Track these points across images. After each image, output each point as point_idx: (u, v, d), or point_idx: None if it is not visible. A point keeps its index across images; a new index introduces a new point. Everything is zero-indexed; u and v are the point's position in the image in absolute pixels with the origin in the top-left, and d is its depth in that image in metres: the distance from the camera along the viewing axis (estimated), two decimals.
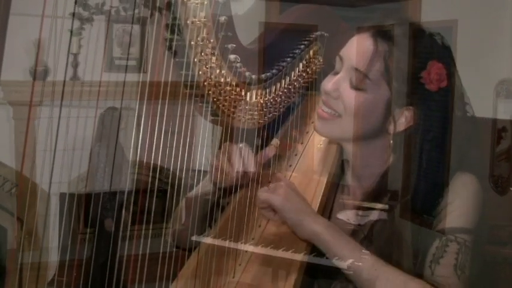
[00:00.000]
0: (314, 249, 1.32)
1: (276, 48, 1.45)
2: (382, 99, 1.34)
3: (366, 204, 1.37)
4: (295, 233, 1.33)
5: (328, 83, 1.37)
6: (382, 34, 1.34)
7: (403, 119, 1.35)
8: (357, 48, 1.35)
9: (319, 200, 1.41)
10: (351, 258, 1.28)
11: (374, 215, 1.36)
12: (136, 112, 1.41)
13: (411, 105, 1.34)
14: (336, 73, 1.38)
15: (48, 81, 3.42)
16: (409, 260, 1.31)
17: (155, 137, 1.36)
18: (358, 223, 1.36)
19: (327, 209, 1.42)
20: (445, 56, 1.36)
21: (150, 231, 1.59)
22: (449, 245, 1.29)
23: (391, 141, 1.37)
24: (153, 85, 1.35)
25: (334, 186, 1.46)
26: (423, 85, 1.32)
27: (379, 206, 1.35)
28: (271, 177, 1.42)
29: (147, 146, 1.35)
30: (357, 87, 1.33)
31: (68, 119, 1.55)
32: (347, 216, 1.39)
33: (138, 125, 1.36)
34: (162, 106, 1.33)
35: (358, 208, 1.39)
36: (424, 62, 1.32)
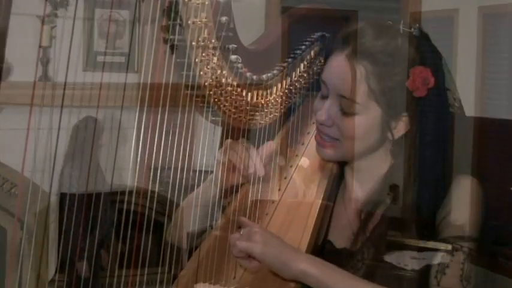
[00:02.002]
0: None
1: (277, 48, 1.45)
2: (375, 116, 1.33)
3: (422, 244, 1.31)
4: (281, 275, 1.29)
5: (321, 114, 1.36)
6: (356, 53, 1.32)
7: (401, 126, 1.35)
8: (337, 74, 1.34)
9: (320, 203, 1.41)
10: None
11: (376, 218, 1.36)
12: (136, 122, 1.32)
13: (406, 111, 1.34)
14: (323, 96, 1.38)
15: (11, 81, 2.71)
16: (412, 267, 1.31)
17: (153, 155, 1.28)
18: (412, 268, 1.31)
19: (327, 212, 1.42)
20: (426, 51, 1.34)
21: (145, 277, 1.35)
22: (455, 255, 1.28)
23: (391, 148, 1.37)
24: (147, 88, 1.29)
25: (334, 190, 1.46)
26: (411, 93, 1.32)
27: (442, 246, 1.30)
28: (240, 223, 1.37)
29: (139, 165, 1.28)
30: (348, 113, 1.33)
31: (36, 132, 1.37)
32: (397, 259, 1.32)
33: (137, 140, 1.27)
34: (156, 114, 1.27)
35: (410, 248, 1.33)
36: (405, 71, 1.31)
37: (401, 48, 1.33)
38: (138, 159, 1.26)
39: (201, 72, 1.32)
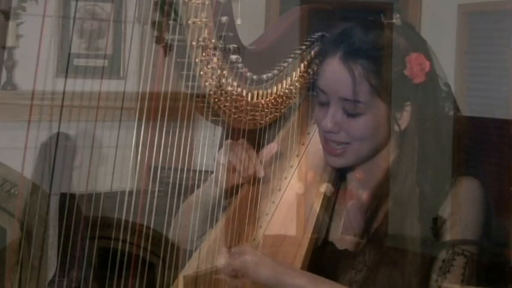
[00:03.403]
0: None
1: (277, 48, 1.45)
2: (380, 111, 1.33)
3: None
4: None
5: (326, 123, 1.35)
6: (349, 54, 1.32)
7: (405, 116, 1.35)
8: (335, 78, 1.34)
9: (320, 203, 1.41)
10: None
11: (379, 219, 1.36)
12: (134, 142, 1.17)
13: (408, 100, 1.34)
14: (322, 103, 1.37)
15: None
16: (413, 270, 1.30)
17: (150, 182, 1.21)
18: None
19: (327, 212, 1.42)
20: (413, 38, 1.36)
21: None
22: (456, 259, 1.28)
23: (397, 140, 1.37)
24: (147, 98, 1.21)
25: (335, 190, 1.45)
26: (411, 81, 1.32)
27: None
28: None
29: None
30: (353, 114, 1.33)
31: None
32: None
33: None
34: (148, 127, 1.21)
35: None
36: (402, 61, 1.32)
37: (390, 39, 1.33)
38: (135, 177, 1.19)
39: (201, 72, 1.32)
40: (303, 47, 1.48)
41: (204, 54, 1.31)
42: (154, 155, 1.29)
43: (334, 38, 1.37)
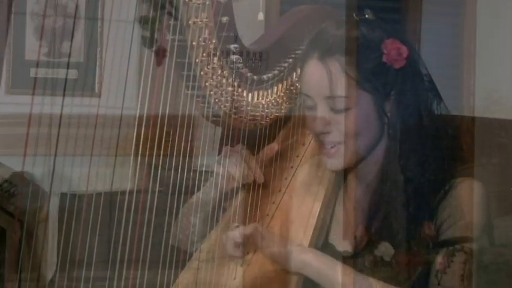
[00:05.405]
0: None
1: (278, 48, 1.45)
2: (368, 103, 1.34)
3: None
4: (283, 266, 1.31)
5: (317, 125, 1.35)
6: (325, 52, 1.33)
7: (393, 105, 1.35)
8: (315, 79, 1.35)
9: (320, 203, 1.41)
10: (345, 281, 1.28)
11: (379, 218, 1.36)
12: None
13: (393, 88, 1.34)
14: (310, 108, 1.38)
15: None
16: (413, 269, 1.31)
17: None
18: None
19: (327, 213, 1.42)
20: (387, 28, 1.36)
21: None
22: (456, 255, 1.28)
23: (388, 131, 1.36)
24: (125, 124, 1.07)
25: (335, 191, 1.45)
26: (392, 67, 1.33)
27: None
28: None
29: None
30: (341, 110, 1.33)
31: None
32: None
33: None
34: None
35: None
36: (378, 48, 1.32)
37: (364, 31, 1.34)
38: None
39: (202, 73, 1.32)
40: (304, 47, 1.48)
41: (204, 54, 1.31)
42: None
43: (309, 41, 1.38)
